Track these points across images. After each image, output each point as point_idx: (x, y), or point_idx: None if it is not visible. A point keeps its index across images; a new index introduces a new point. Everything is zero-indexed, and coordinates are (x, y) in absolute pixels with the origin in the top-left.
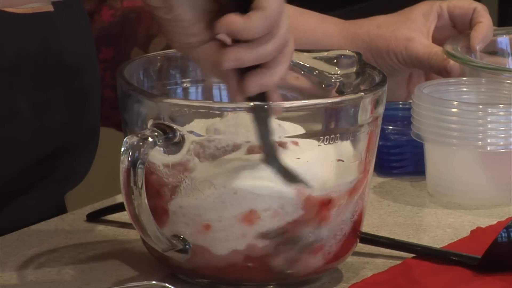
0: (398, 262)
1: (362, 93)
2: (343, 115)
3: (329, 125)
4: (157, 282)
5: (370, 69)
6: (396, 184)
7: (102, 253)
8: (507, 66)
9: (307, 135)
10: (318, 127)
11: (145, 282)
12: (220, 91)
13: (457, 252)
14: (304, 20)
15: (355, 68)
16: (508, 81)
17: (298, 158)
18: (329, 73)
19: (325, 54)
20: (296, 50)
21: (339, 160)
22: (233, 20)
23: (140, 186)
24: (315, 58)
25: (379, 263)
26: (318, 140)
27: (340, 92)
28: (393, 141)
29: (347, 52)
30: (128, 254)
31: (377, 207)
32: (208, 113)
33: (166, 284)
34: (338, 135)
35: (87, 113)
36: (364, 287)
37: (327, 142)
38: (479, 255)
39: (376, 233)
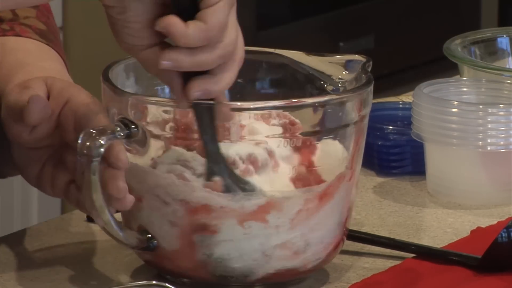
0: (398, 262)
1: (344, 95)
2: (328, 116)
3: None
4: (157, 282)
5: (364, 74)
6: (396, 184)
7: (102, 253)
8: (507, 66)
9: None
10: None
11: (145, 282)
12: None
13: (457, 252)
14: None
15: (355, 74)
16: (508, 81)
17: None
18: (337, 78)
19: (336, 58)
20: (308, 53)
21: (302, 164)
22: (172, 22)
23: (95, 180)
24: (325, 62)
25: (379, 263)
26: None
27: None
28: (393, 141)
29: (357, 57)
30: (129, 253)
31: (377, 207)
32: (169, 110)
33: (167, 284)
34: (318, 136)
35: None
36: (364, 287)
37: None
38: (479, 255)
39: (376, 233)
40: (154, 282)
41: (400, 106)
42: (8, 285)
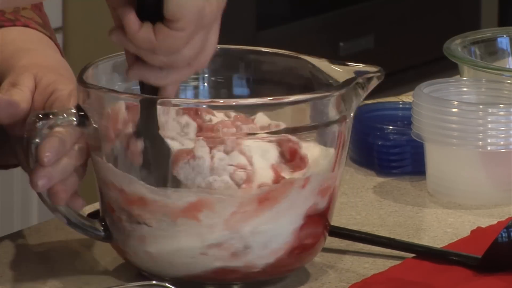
0: (398, 262)
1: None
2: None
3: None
4: (157, 282)
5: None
6: (396, 184)
7: (103, 253)
8: (507, 66)
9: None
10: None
11: (145, 282)
12: (186, 91)
13: (457, 252)
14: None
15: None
16: (508, 81)
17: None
18: None
19: (356, 67)
20: (331, 61)
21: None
22: (129, 16)
23: (32, 162)
24: (344, 70)
25: (379, 263)
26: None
27: None
28: (393, 141)
29: (368, 67)
30: None
31: (377, 207)
32: (122, 103)
33: (167, 284)
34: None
35: None
36: (364, 287)
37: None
38: (479, 255)
39: (376, 233)
40: (154, 282)
41: (400, 106)
42: (8, 285)
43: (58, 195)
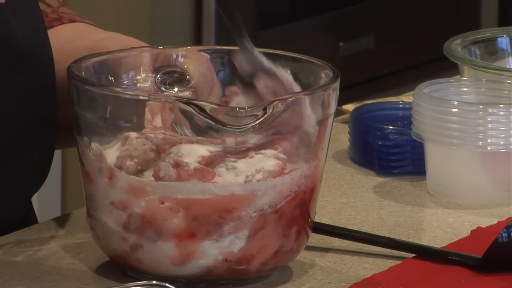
0: (398, 262)
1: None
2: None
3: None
4: (157, 282)
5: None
6: (396, 184)
7: (103, 253)
8: (507, 66)
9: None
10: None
11: (145, 282)
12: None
13: (457, 252)
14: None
15: None
16: (508, 81)
17: None
18: None
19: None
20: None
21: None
22: None
23: None
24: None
25: (379, 263)
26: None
27: None
28: (393, 141)
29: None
30: None
31: (377, 207)
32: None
33: (167, 284)
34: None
35: (40, 106)
36: (364, 287)
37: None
38: (480, 255)
39: (376, 233)
40: (154, 282)
41: (400, 106)
42: (8, 285)
43: None
